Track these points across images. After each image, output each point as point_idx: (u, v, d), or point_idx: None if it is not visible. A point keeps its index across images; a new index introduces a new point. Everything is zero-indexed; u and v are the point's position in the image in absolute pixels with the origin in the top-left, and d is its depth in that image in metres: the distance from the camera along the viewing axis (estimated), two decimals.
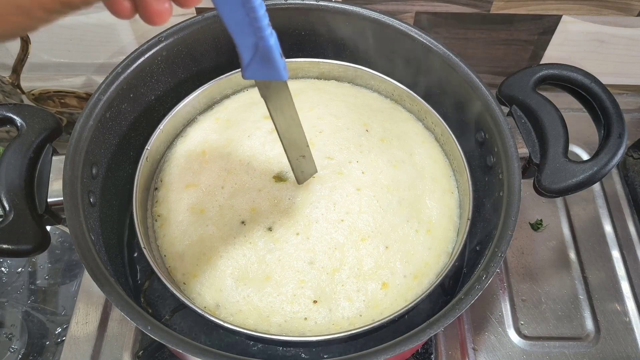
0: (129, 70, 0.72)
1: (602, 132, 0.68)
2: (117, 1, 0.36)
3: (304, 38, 0.82)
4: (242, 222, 0.68)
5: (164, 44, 0.75)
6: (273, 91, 0.54)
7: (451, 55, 0.74)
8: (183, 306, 0.64)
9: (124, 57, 0.72)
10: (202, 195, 0.71)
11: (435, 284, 0.64)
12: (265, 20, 0.43)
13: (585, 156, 1.06)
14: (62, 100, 1.08)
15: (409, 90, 0.79)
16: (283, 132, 0.59)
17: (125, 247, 0.79)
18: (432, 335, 0.55)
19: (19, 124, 0.67)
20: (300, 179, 0.68)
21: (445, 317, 0.56)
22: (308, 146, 0.64)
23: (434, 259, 0.69)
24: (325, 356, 0.71)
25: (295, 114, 0.58)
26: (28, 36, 0.90)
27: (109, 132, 0.72)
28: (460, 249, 0.66)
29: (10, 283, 0.96)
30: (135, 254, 0.80)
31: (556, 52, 1.05)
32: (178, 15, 0.94)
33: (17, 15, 0.30)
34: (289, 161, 0.64)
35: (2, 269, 0.97)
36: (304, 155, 0.64)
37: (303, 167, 0.66)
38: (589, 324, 0.88)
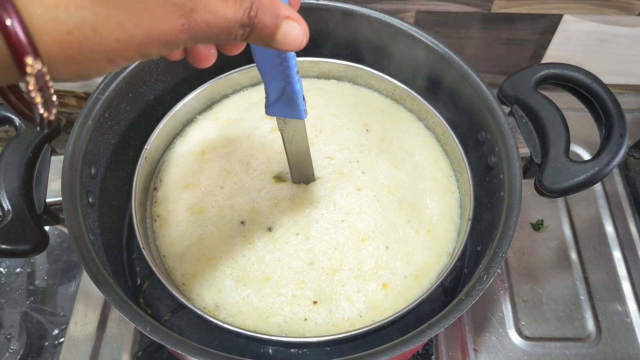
0: (128, 70, 0.71)
1: (604, 131, 0.68)
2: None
3: None
4: (242, 222, 0.68)
5: None
6: (290, 127, 0.58)
7: (452, 54, 0.74)
8: (182, 307, 0.64)
9: None
10: (202, 195, 0.71)
11: (435, 285, 0.64)
12: (295, 69, 0.48)
13: (586, 156, 1.06)
14: (61, 100, 1.08)
15: (409, 89, 0.79)
16: (293, 161, 0.65)
17: (124, 248, 0.79)
18: (432, 336, 0.55)
19: (17, 124, 0.67)
20: (294, 178, 0.70)
21: (446, 317, 0.56)
22: (313, 175, 0.69)
23: (434, 260, 0.68)
24: (325, 357, 0.71)
25: (307, 148, 0.63)
26: None
27: (108, 132, 0.71)
28: (461, 250, 0.66)
29: (9, 283, 0.96)
30: (134, 255, 0.80)
31: (557, 51, 1.05)
32: None
33: (103, 61, 0.32)
34: (291, 172, 0.68)
35: (1, 269, 0.97)
36: (308, 181, 0.70)
37: (300, 174, 0.69)
38: (590, 324, 0.88)
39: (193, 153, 0.76)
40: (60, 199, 0.62)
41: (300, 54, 0.82)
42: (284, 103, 0.52)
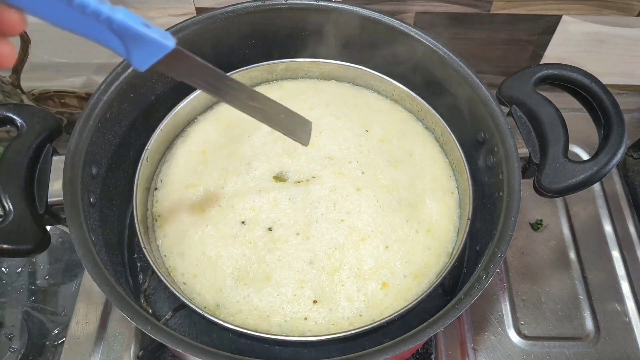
0: (129, 70, 0.72)
1: (602, 132, 0.68)
2: None
3: (304, 38, 0.82)
4: (242, 222, 0.68)
5: None
6: (184, 69, 0.48)
7: (451, 55, 0.74)
8: (183, 306, 0.64)
9: None
10: (202, 195, 0.71)
11: (435, 284, 0.64)
12: (91, 3, 0.38)
13: (585, 156, 1.06)
14: (62, 100, 1.08)
15: (409, 90, 0.79)
16: (243, 107, 0.55)
17: (126, 247, 0.79)
18: (432, 335, 0.55)
19: (19, 124, 0.67)
20: (303, 139, 0.61)
21: (445, 317, 0.56)
22: (279, 103, 0.58)
23: (434, 259, 0.69)
24: (325, 356, 0.71)
25: (237, 81, 0.53)
26: (28, 36, 0.90)
27: (109, 132, 0.72)
28: (460, 249, 0.66)
29: (10, 283, 0.96)
30: (136, 254, 0.80)
31: (556, 52, 1.05)
32: (178, 16, 0.94)
33: None
34: (276, 128, 0.59)
35: (2, 269, 0.97)
36: (282, 114, 0.58)
37: (292, 125, 0.60)
38: (589, 324, 0.88)
39: (194, 153, 0.76)
40: (62, 198, 0.62)
41: (300, 54, 0.83)
42: (135, 46, 0.42)
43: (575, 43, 1.04)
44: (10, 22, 0.38)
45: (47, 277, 0.97)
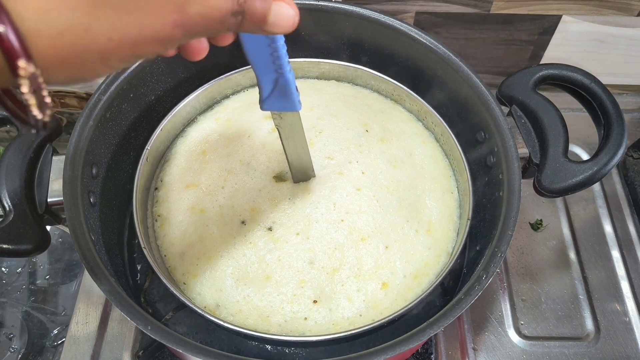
0: (129, 70, 0.72)
1: (602, 132, 0.68)
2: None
3: (304, 38, 0.82)
4: (242, 222, 0.68)
5: None
6: (286, 121, 0.58)
7: (451, 55, 0.74)
8: (183, 306, 0.64)
9: None
10: (202, 195, 0.71)
11: (435, 284, 0.64)
12: (286, 59, 0.48)
13: (585, 156, 1.06)
14: (62, 100, 1.08)
15: (409, 90, 0.79)
16: (292, 157, 0.65)
17: (126, 247, 0.79)
18: (432, 335, 0.55)
19: (19, 124, 0.67)
20: (295, 180, 0.70)
21: (445, 317, 0.56)
22: (313, 170, 0.69)
23: (433, 259, 0.69)
24: (325, 356, 0.71)
25: (305, 142, 0.63)
26: None
27: (109, 132, 0.72)
28: (460, 249, 0.66)
29: (10, 283, 0.96)
30: (136, 254, 0.80)
31: (556, 52, 1.05)
32: None
33: (96, 62, 0.32)
34: (291, 171, 0.68)
35: (2, 269, 0.97)
36: (307, 177, 0.70)
37: (300, 174, 0.69)
38: (589, 323, 0.88)
39: (194, 153, 0.76)
40: (62, 198, 0.62)
41: (300, 54, 0.83)
42: (277, 96, 0.52)
43: (575, 43, 1.04)
44: (200, 50, 0.43)
45: (47, 277, 0.97)
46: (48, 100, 0.32)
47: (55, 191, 0.65)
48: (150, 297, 0.77)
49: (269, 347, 0.73)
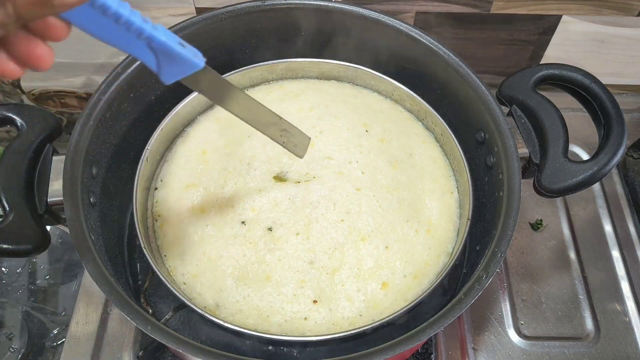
0: (129, 70, 0.72)
1: (602, 132, 0.68)
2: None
3: (304, 38, 0.82)
4: (243, 222, 0.68)
5: None
6: (204, 83, 0.50)
7: (451, 55, 0.74)
8: (183, 306, 0.64)
9: (124, 57, 0.72)
10: (203, 195, 0.71)
11: (435, 284, 0.64)
12: (136, 22, 0.40)
13: (585, 156, 1.06)
14: (62, 100, 1.08)
15: (409, 90, 0.79)
16: (246, 117, 0.56)
17: (126, 247, 0.79)
18: (432, 335, 0.55)
19: (19, 124, 0.67)
20: (299, 152, 0.63)
21: (445, 317, 0.56)
22: (282, 118, 0.60)
23: (433, 259, 0.69)
24: (325, 356, 0.71)
25: (244, 94, 0.55)
26: None
27: (109, 132, 0.72)
28: (460, 249, 0.66)
29: (10, 283, 0.96)
30: (136, 254, 0.80)
31: (556, 52, 1.05)
32: (178, 15, 0.94)
33: None
34: (276, 141, 0.61)
35: (2, 269, 0.97)
36: (284, 129, 0.61)
37: (292, 140, 0.62)
38: (589, 323, 0.88)
39: (194, 153, 0.76)
40: (62, 198, 0.62)
41: (300, 54, 0.83)
42: (167, 62, 0.45)
43: (575, 43, 1.04)
44: (55, 28, 0.38)
45: (47, 277, 0.97)
46: None
47: (55, 191, 0.65)
48: (151, 297, 0.77)
49: (269, 347, 0.73)
